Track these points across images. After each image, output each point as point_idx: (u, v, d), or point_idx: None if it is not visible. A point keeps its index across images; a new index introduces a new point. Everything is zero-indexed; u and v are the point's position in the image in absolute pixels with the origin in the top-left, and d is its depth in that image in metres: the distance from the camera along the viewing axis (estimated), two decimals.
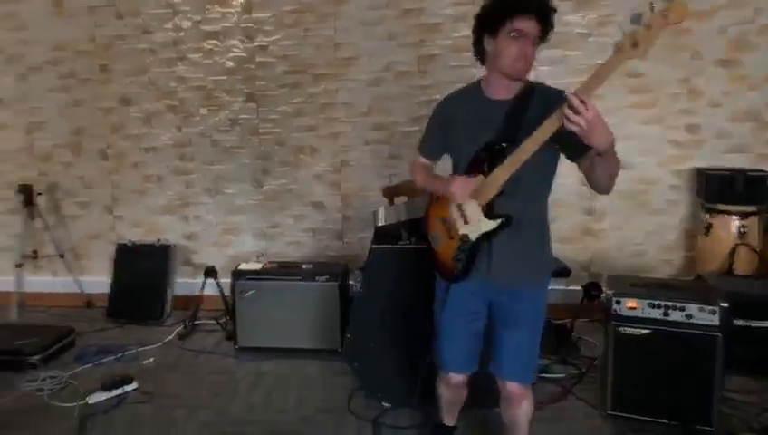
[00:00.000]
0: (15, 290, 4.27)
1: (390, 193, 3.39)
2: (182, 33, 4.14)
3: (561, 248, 3.78)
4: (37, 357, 3.43)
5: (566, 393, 3.01)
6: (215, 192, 4.31)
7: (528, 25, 1.84)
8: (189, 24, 4.11)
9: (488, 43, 1.94)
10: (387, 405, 2.91)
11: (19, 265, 4.28)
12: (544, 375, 3.09)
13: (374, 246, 2.95)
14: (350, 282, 3.70)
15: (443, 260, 2.13)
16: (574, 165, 1.93)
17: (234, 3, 4.05)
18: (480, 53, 2.02)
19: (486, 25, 1.93)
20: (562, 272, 3.23)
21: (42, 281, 4.50)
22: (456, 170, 2.09)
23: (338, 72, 4.05)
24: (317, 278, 3.55)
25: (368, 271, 2.98)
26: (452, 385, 2.28)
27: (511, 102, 1.96)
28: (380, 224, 3.06)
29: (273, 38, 4.06)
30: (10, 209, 4.41)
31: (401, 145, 4.01)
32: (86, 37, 4.24)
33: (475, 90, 2.07)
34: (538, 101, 1.91)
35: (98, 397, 3.06)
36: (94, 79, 4.28)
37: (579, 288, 3.56)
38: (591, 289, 3.42)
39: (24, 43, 4.31)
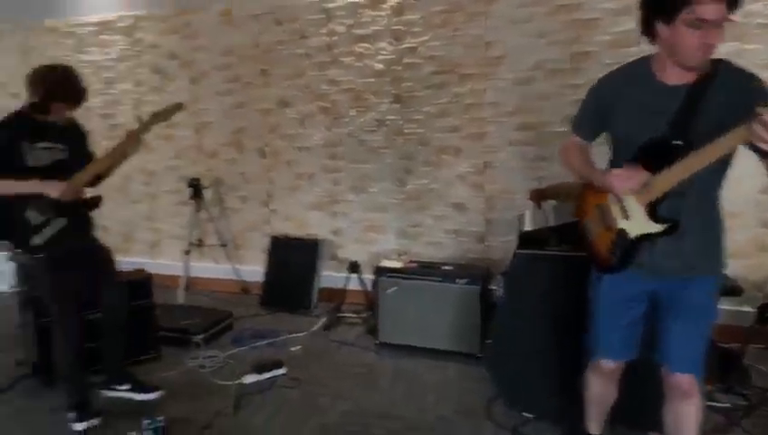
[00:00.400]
0: (183, 274, 4.74)
1: (538, 196, 3.27)
2: (335, 38, 4.32)
3: (731, 264, 3.39)
4: (200, 337, 3.77)
5: (731, 425, 2.71)
6: (360, 190, 4.45)
7: (713, 11, 1.56)
8: (343, 28, 4.28)
9: (662, 30, 1.69)
10: (528, 416, 2.82)
11: (187, 252, 4.74)
12: (709, 404, 2.81)
13: (518, 251, 2.87)
14: (493, 287, 3.63)
15: (597, 250, 2.01)
16: (749, 169, 1.72)
17: (384, 6, 4.15)
18: (650, 34, 1.75)
19: (660, 9, 1.66)
20: (733, 290, 2.91)
21: (205, 267, 4.95)
22: (616, 158, 1.94)
23: (486, 71, 3.99)
24: (457, 280, 3.53)
25: (511, 276, 2.90)
26: (604, 373, 2.15)
27: (688, 88, 1.72)
28: (526, 228, 2.96)
29: (422, 39, 4.10)
30: (182, 201, 4.90)
31: (551, 146, 3.85)
32: (250, 43, 4.58)
33: (644, 70, 1.81)
34: (722, 84, 1.67)
35: (251, 378, 3.30)
36: (255, 83, 4.61)
37: (752, 310, 3.19)
38: (767, 312, 3.04)
39: (196, 50, 4.76)
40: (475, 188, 4.15)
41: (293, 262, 4.47)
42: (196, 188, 4.69)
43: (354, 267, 4.14)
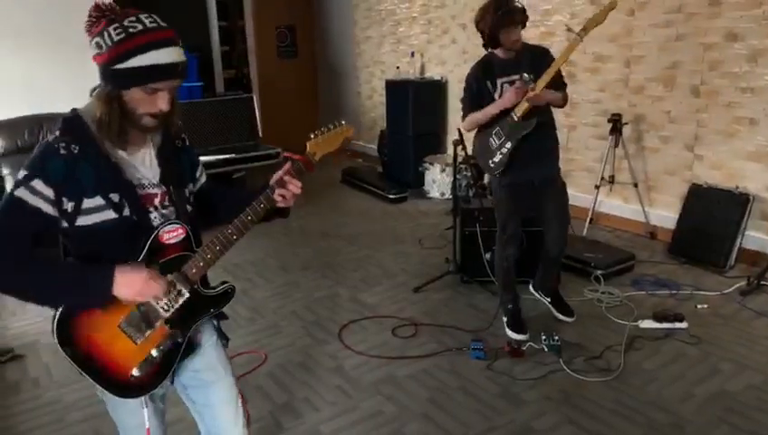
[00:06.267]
0: (590, 208, 4.84)
1: None
2: None
3: None
4: (600, 271, 3.86)
5: None
6: None
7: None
8: None
9: None
10: None
11: (597, 187, 4.79)
12: None
13: None
14: None
15: None
16: None
17: None
18: None
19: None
20: None
21: (613, 204, 4.94)
22: None
23: None
24: None
25: None
26: None
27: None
28: None
29: None
30: (600, 134, 4.91)
31: None
32: None
33: None
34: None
35: (648, 324, 3.27)
36: (702, 13, 4.17)
37: None
38: None
39: None
40: None
41: (714, 215, 4.05)
42: (615, 123, 4.62)
43: None
